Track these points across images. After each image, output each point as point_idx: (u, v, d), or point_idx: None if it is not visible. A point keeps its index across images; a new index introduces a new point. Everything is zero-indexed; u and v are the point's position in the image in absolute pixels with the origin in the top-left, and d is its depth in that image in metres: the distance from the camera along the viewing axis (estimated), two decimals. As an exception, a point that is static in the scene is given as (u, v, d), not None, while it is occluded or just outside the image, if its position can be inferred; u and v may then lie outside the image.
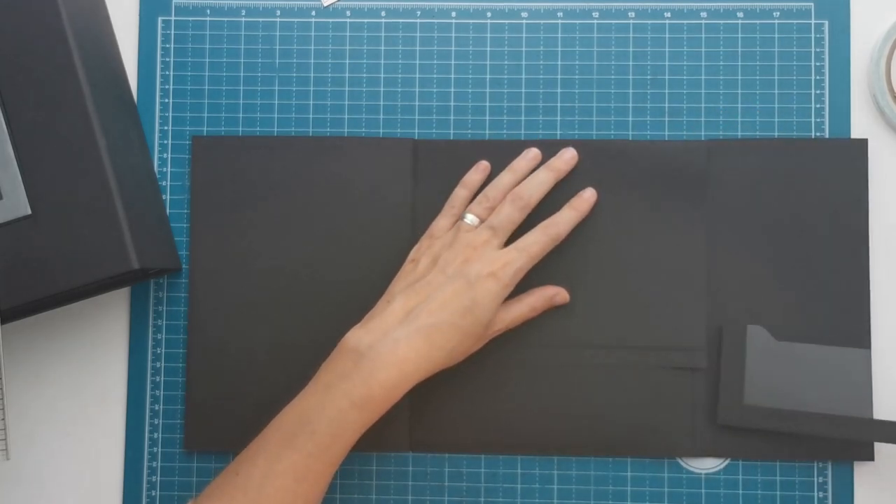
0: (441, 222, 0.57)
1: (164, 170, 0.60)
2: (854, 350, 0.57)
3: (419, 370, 0.51)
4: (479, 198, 0.57)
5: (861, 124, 0.59)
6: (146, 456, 0.59)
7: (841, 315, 0.58)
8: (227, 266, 0.59)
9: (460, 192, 0.58)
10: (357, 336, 0.52)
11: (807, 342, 0.57)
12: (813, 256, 0.58)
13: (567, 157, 0.58)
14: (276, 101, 0.60)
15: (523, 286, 0.56)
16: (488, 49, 0.60)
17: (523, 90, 0.60)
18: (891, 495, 0.58)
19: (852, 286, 0.58)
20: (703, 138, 0.59)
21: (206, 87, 0.60)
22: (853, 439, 0.56)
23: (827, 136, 0.59)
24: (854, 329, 0.58)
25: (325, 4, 0.61)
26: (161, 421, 0.59)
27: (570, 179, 0.58)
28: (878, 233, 0.58)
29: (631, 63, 0.60)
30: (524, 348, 0.58)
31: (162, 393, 0.59)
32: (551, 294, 0.57)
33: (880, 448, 0.57)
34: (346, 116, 0.60)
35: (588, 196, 0.58)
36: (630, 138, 0.60)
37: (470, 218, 0.56)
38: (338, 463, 0.51)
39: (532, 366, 0.58)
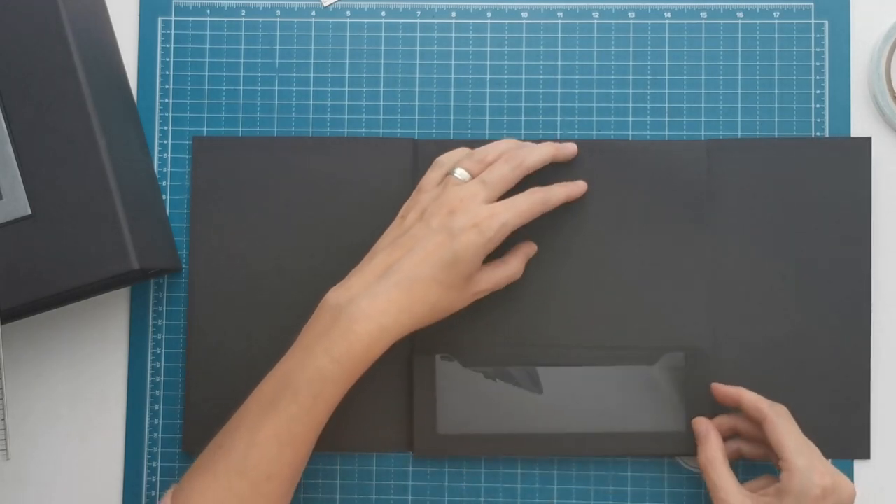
0: (431, 175, 0.56)
1: (164, 170, 0.60)
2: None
3: (399, 323, 0.50)
4: (471, 153, 0.55)
5: (861, 124, 0.59)
6: (146, 456, 0.59)
7: (841, 315, 0.58)
8: (227, 266, 0.59)
9: (455, 153, 0.56)
10: (336, 294, 0.51)
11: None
12: (814, 255, 0.58)
13: (570, 146, 0.57)
14: (276, 101, 0.60)
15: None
16: (488, 49, 0.60)
17: (523, 90, 0.60)
18: (889, 493, 0.58)
19: (853, 286, 0.58)
20: (703, 138, 0.59)
21: (206, 87, 0.60)
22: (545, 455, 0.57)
23: (827, 136, 0.59)
24: (854, 328, 0.58)
25: (325, 4, 0.61)
26: (161, 421, 0.59)
27: (569, 179, 0.58)
28: (877, 233, 0.58)
29: (631, 63, 0.60)
30: (524, 348, 0.58)
31: (162, 393, 0.59)
32: (529, 250, 0.57)
33: (876, 446, 0.58)
34: (346, 116, 0.60)
35: (581, 183, 0.58)
36: (630, 138, 0.60)
37: (459, 172, 0.54)
38: (321, 426, 0.50)
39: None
